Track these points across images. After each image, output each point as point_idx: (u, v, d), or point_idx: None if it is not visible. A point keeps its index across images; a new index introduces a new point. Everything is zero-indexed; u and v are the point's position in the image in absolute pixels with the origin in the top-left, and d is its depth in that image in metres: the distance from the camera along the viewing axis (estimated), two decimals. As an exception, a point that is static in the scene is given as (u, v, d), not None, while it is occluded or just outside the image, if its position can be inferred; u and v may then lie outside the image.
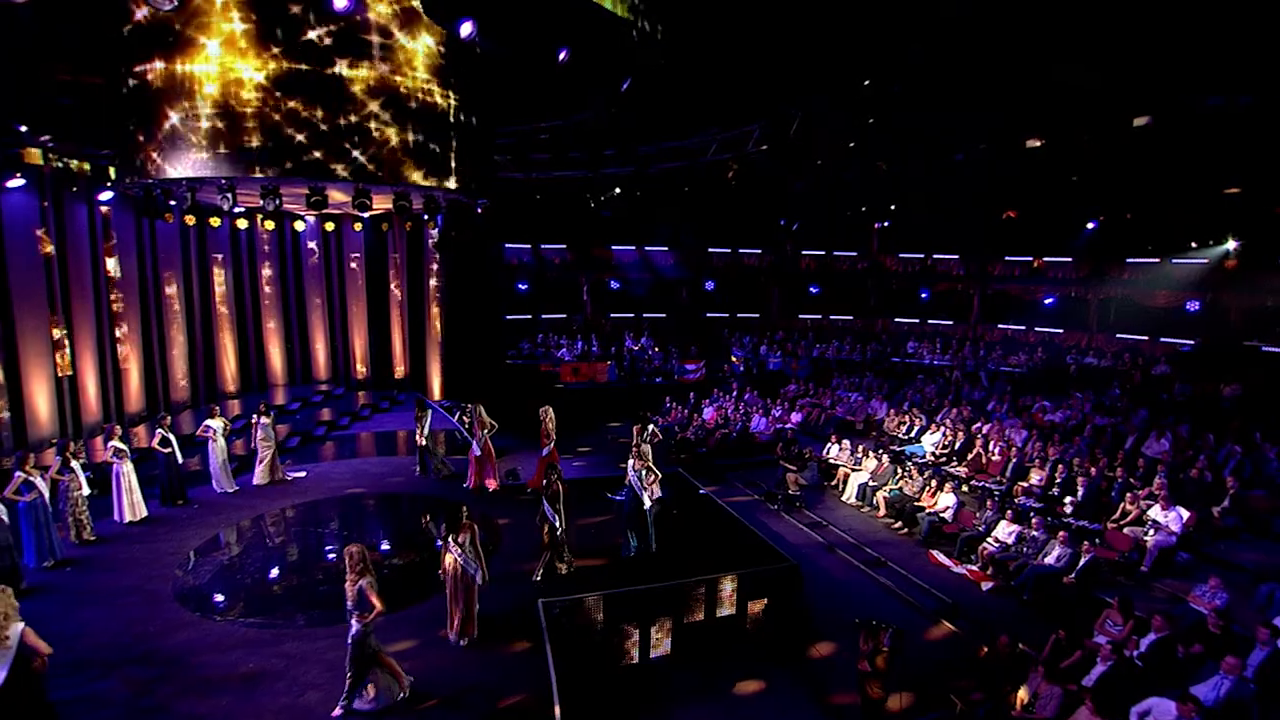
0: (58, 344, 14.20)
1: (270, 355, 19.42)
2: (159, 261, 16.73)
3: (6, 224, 13.26)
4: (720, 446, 16.55)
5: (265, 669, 7.05)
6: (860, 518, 13.44)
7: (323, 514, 11.62)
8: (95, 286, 15.10)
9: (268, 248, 19.24)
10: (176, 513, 11.48)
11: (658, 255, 24.20)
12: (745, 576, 8.96)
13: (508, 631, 8.00)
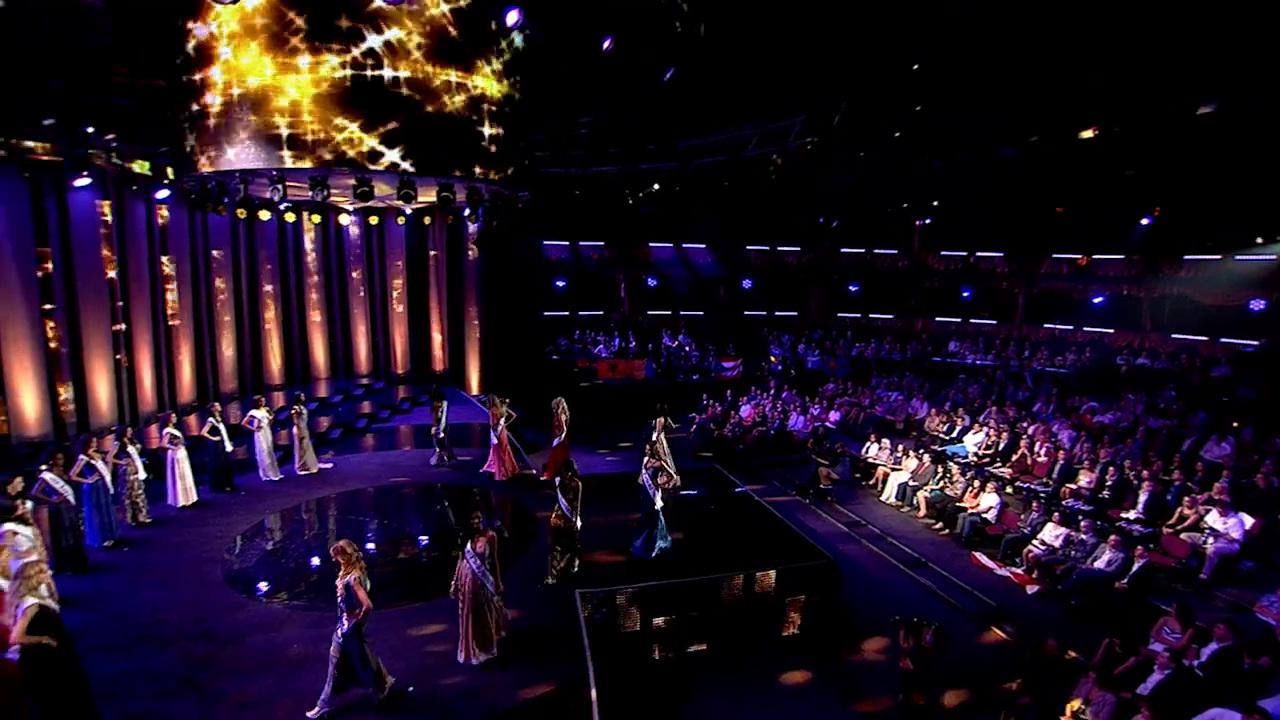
0: (117, 336, 14.76)
1: (314, 349, 19.85)
2: (210, 257, 17.24)
3: (74, 221, 13.84)
4: (758, 444, 16.43)
5: (309, 652, 7.18)
6: (900, 518, 13.21)
7: (363, 502, 11.86)
8: (152, 281, 15.63)
9: (312, 244, 19.66)
10: (224, 499, 11.81)
11: (696, 253, 24.13)
12: (782, 572, 8.85)
13: (539, 631, 7.94)
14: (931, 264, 24.45)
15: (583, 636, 7.50)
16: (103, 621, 7.67)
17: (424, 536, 10.65)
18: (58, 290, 13.63)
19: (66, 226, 13.75)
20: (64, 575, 8.57)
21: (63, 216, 13.68)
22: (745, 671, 8.17)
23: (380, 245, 20.66)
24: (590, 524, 9.95)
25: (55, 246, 13.56)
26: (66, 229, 13.75)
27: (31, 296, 13.29)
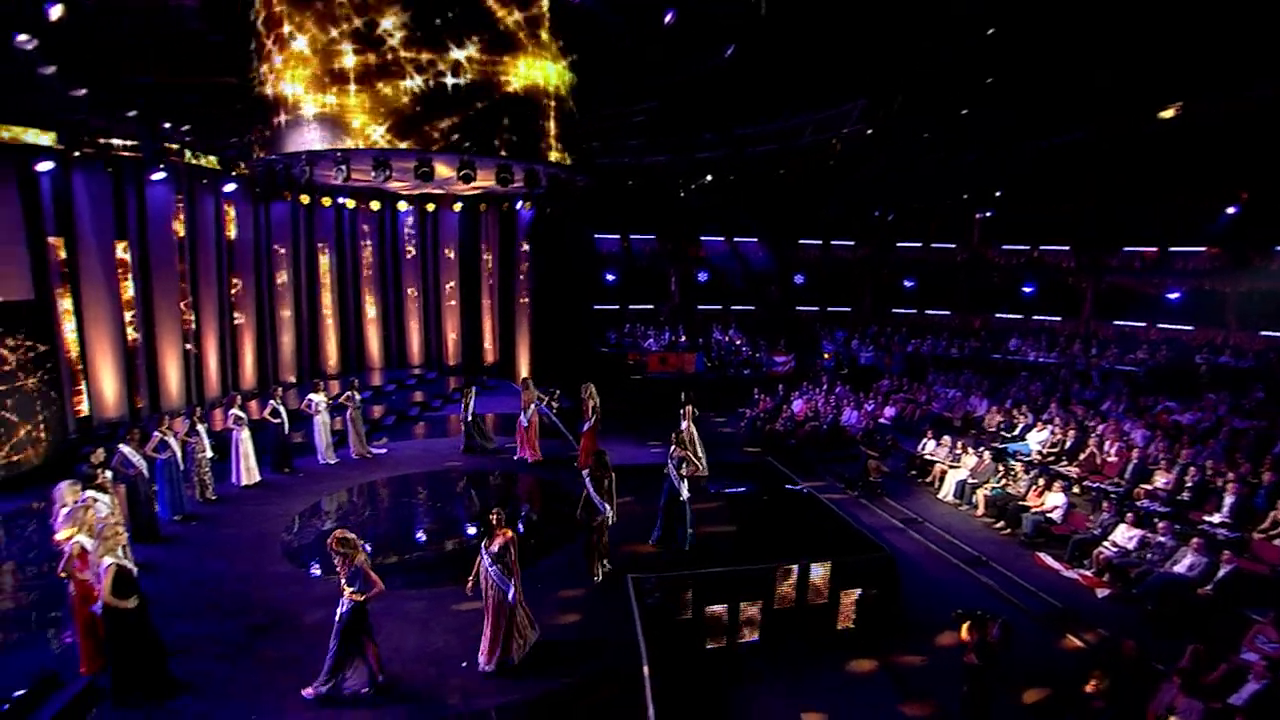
0: (186, 324, 15.40)
1: (368, 340, 20.32)
2: (272, 249, 17.84)
3: (150, 214, 14.50)
4: (810, 439, 16.13)
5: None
6: (958, 516, 12.79)
7: (414, 486, 12.10)
8: (218, 273, 16.26)
9: (368, 236, 20.14)
10: (284, 479, 12.18)
11: (748, 247, 23.85)
12: (838, 564, 8.63)
13: (591, 613, 7.88)
14: (992, 258, 23.60)
15: (635, 620, 7.44)
16: (171, 589, 7.97)
17: (469, 520, 10.73)
18: (135, 280, 14.31)
19: (144, 219, 14.42)
20: (138, 545, 8.91)
21: (140, 210, 14.34)
22: (798, 664, 7.99)
23: (434, 238, 21.03)
24: (634, 513, 9.96)
25: (133, 239, 14.24)
26: (143, 222, 14.42)
27: (113, 286, 13.97)
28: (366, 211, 19.81)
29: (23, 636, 7.07)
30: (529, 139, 11.64)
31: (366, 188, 17.48)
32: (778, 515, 10.72)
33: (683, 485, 9.21)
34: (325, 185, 16.80)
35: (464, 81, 11.16)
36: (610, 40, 11.85)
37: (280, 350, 18.10)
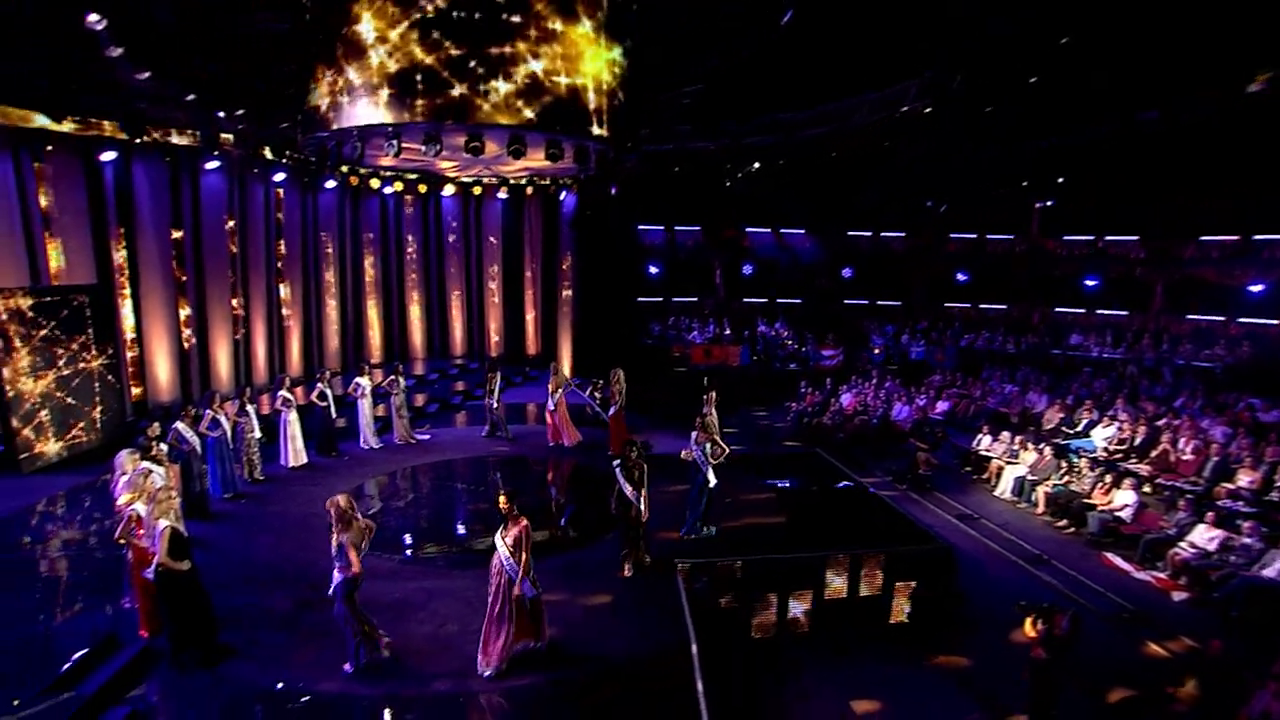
0: (236, 312, 15.84)
1: (411, 330, 20.61)
2: (319, 238, 18.24)
3: (204, 202, 14.96)
4: (859, 433, 15.79)
5: (409, 600, 7.44)
6: (1016, 513, 12.35)
7: (456, 470, 12.33)
8: (267, 260, 16.70)
9: (413, 226, 20.45)
10: (330, 462, 12.45)
11: (795, 238, 23.50)
12: (892, 555, 8.36)
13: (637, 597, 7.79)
14: (1052, 249, 22.74)
15: (683, 605, 7.36)
16: (221, 562, 8.18)
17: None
18: (189, 267, 14.77)
19: (198, 208, 14.88)
20: (189, 521, 9.13)
21: (195, 198, 14.81)
22: (849, 657, 7.77)
23: (477, 228, 21.25)
24: (673, 502, 9.80)
25: (188, 227, 14.70)
26: (198, 210, 14.88)
27: (168, 273, 14.45)
28: (411, 201, 20.12)
29: (84, 602, 7.35)
30: (580, 115, 11.60)
31: (413, 168, 17.61)
32: (828, 506, 10.54)
33: (709, 471, 9.04)
34: (374, 166, 17.07)
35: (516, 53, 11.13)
36: (663, 19, 11.73)
37: (326, 340, 18.48)
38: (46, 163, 12.53)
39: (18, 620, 6.90)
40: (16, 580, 7.83)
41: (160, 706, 5.98)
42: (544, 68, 11.27)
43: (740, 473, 12.27)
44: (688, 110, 15.36)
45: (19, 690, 5.69)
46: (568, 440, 13.42)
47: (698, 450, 9.09)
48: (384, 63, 11.12)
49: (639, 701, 6.08)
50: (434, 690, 6.04)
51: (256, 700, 5.92)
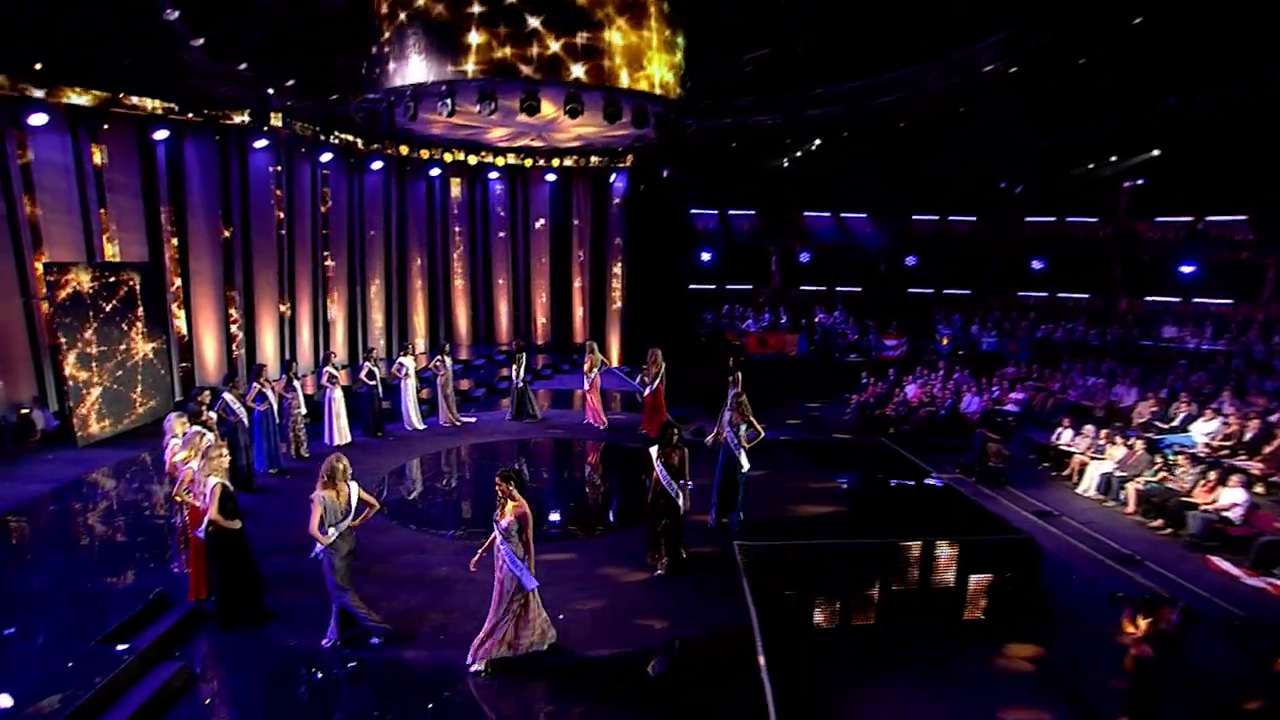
0: (282, 294, 16.27)
1: (457, 316, 20.85)
2: (365, 220, 18.64)
3: (252, 182, 15.40)
4: (925, 426, 15.37)
5: (454, 575, 7.47)
6: (1102, 511, 11.79)
7: (501, 452, 12.58)
8: (313, 241, 17.12)
9: (459, 208, 20.71)
10: (374, 443, 12.67)
11: (856, 223, 22.99)
12: (969, 545, 8.03)
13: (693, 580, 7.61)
14: (1143, 232, 21.65)
15: (744, 588, 7.23)
16: (264, 531, 8.33)
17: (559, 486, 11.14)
18: (236, 248, 15.23)
19: (246, 187, 15.32)
20: (235, 493, 9.43)
21: (244, 178, 15.25)
22: (921, 651, 7.48)
23: (524, 213, 21.42)
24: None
25: (236, 207, 15.15)
26: (246, 190, 15.33)
27: (216, 253, 14.94)
28: (458, 183, 20.40)
29: (136, 566, 7.61)
30: (640, 73, 11.49)
31: (463, 139, 17.64)
32: (895, 495, 10.40)
33: (742, 454, 8.62)
34: (424, 137, 17.19)
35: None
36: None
37: (370, 323, 18.84)
38: (102, 141, 13.07)
39: (72, 578, 7.21)
40: (71, 544, 8.21)
41: (208, 665, 6.12)
42: (605, 25, 11.19)
43: (799, 459, 12.27)
44: (747, 81, 15.10)
45: (74, 642, 5.87)
46: (597, 421, 13.75)
47: (730, 432, 8.70)
48: (439, 15, 11.16)
49: (699, 682, 5.97)
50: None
51: (301, 662, 6.00)
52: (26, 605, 6.54)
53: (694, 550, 8.03)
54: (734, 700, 5.68)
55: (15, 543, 8.02)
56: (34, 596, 6.74)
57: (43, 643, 6.00)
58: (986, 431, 13.15)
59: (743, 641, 6.36)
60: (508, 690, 5.69)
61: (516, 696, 5.66)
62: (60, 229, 12.59)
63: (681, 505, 7.46)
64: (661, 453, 7.49)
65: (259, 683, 5.68)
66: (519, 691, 5.73)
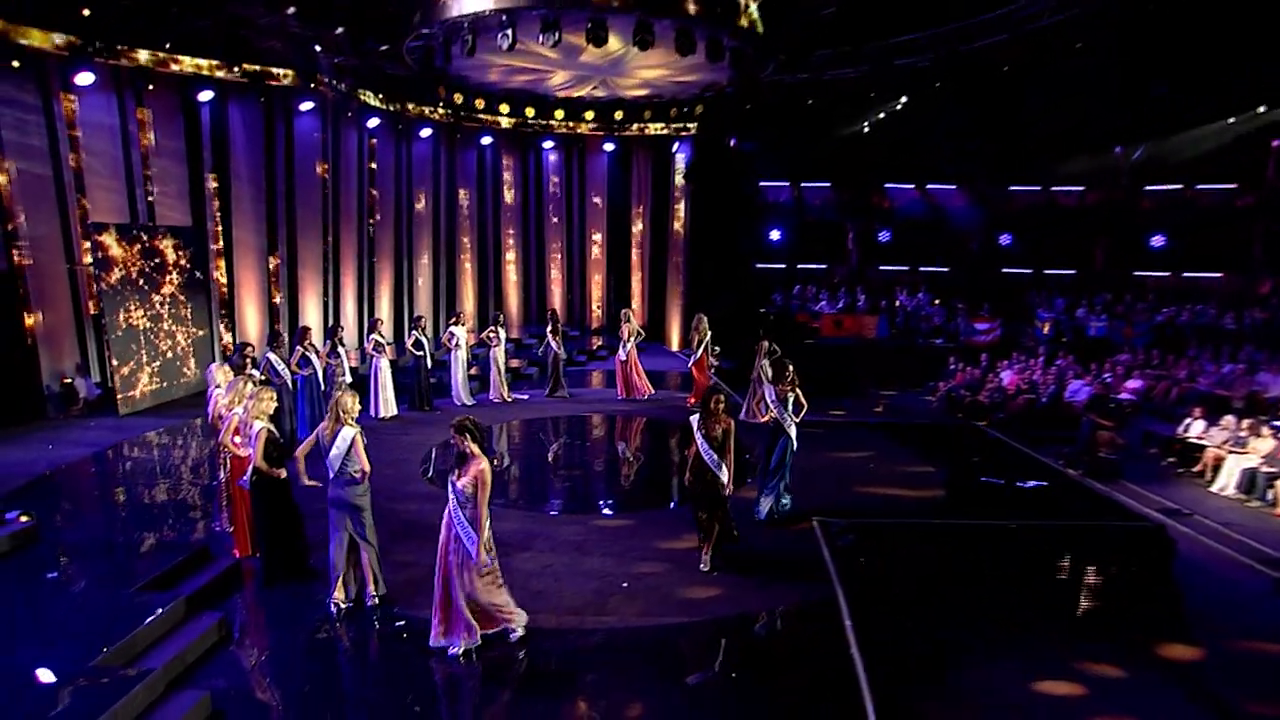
0: (326, 261, 16.66)
1: (508, 292, 20.96)
2: (412, 191, 18.96)
3: (298, 146, 15.82)
4: (1024, 414, 14.71)
5: (510, 541, 7.45)
6: (1246, 512, 10.97)
7: (555, 426, 12.92)
8: (359, 210, 17.51)
9: (511, 180, 20.88)
10: (422, 416, 12.86)
11: (943, 195, 22.23)
12: (1088, 531, 7.58)
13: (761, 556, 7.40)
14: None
15: (826, 561, 7.07)
16: (308, 495, 8.37)
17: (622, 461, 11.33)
18: (280, 213, 15.65)
19: (291, 152, 15.76)
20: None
21: (289, 142, 15.69)
22: (1027, 651, 7.05)
23: (580, 187, 21.50)
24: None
25: (281, 173, 15.59)
26: (291, 154, 15.77)
27: (259, 218, 15.37)
28: (510, 153, 20.59)
29: (179, 523, 7.88)
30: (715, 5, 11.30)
31: (521, 87, 17.74)
32: (995, 478, 10.08)
33: (793, 428, 8.10)
34: (479, 86, 17.40)
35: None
36: None
37: (416, 299, 19.10)
38: (147, 103, 13.57)
39: (111, 533, 7.52)
40: (111, 503, 8.57)
41: (250, 618, 6.22)
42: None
43: (883, 441, 12.20)
44: (826, 30, 14.68)
45: (113, 588, 6.02)
46: (640, 393, 14.34)
47: (778, 405, 8.21)
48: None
49: (782, 651, 5.92)
50: (538, 625, 5.92)
51: (345, 619, 6.04)
52: (66, 556, 6.80)
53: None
54: (816, 677, 5.46)
55: (56, 501, 8.32)
56: (72, 548, 7.00)
57: (82, 588, 6.18)
58: (1096, 417, 12.45)
59: (816, 618, 6.24)
60: (557, 656, 5.61)
61: (570, 662, 5.56)
62: (104, 193, 13.13)
63: (725, 485, 6.84)
64: (703, 423, 6.92)
65: (300, 638, 5.71)
66: (571, 659, 5.63)
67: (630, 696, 5.13)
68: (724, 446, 6.82)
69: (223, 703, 4.85)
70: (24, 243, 12.00)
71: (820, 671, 5.53)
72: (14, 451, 9.93)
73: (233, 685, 5.11)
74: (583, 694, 5.16)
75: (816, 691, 5.34)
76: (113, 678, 4.63)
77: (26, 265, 12.01)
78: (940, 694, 5.51)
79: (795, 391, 8.23)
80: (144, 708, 4.53)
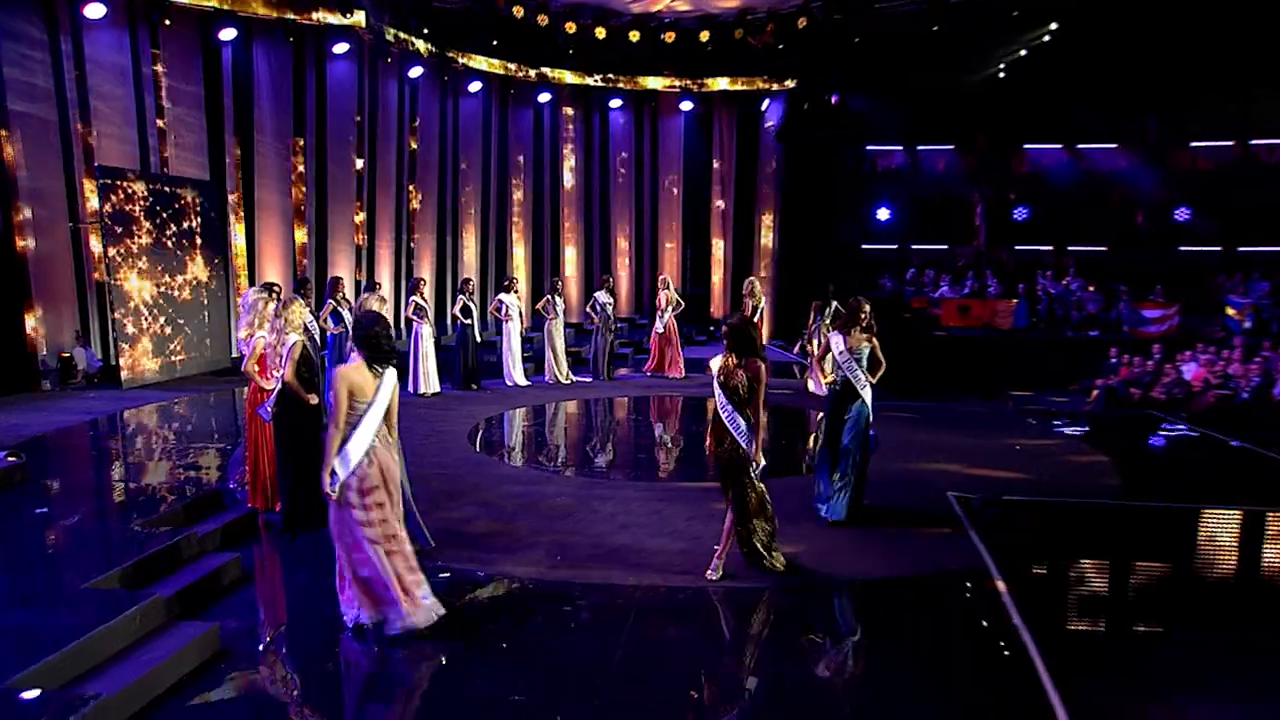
0: (359, 232, 16.99)
1: (566, 275, 20.97)
2: (459, 153, 19.37)
3: (330, 96, 16.31)
4: (1215, 412, 14.00)
5: (576, 505, 7.53)
6: None
7: (616, 406, 13.40)
8: (398, 172, 17.91)
9: (573, 147, 21.16)
10: (468, 395, 12.95)
11: (1099, 156, 21.36)
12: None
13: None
14: None
15: (969, 531, 6.83)
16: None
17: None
18: (309, 172, 16.10)
19: (322, 103, 16.26)
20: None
21: (320, 91, 16.19)
22: (1231, 664, 6.45)
23: (652, 155, 21.71)
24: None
25: (310, 125, 16.05)
26: (322, 105, 16.28)
27: (284, 176, 15.86)
28: (572, 115, 20.91)
29: (189, 477, 7.96)
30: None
31: (590, 5, 17.83)
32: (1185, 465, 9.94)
33: (867, 392, 7.00)
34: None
35: None
36: None
37: (460, 275, 19.17)
38: (162, 41, 14.10)
39: (114, 485, 7.80)
40: (116, 457, 8.95)
41: (266, 567, 6.20)
42: None
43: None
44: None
45: (117, 522, 6.13)
46: (672, 372, 14.85)
47: (847, 361, 7.03)
48: None
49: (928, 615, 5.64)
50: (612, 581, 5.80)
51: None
52: (62, 495, 7.09)
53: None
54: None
55: (50, 460, 8.54)
56: (69, 491, 7.34)
57: (76, 521, 6.29)
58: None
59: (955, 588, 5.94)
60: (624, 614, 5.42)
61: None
62: (113, 142, 13.60)
63: (754, 461, 5.69)
64: (722, 367, 5.79)
65: (322, 582, 5.59)
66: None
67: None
68: (746, 401, 5.69)
69: (231, 641, 4.77)
70: (22, 199, 12.35)
71: (970, 639, 5.24)
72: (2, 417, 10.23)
73: (243, 625, 5.09)
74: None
75: (971, 659, 5.00)
76: (108, 599, 4.58)
77: (24, 221, 12.40)
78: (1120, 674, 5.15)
79: (872, 342, 7.10)
80: (143, 634, 4.44)
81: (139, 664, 4.17)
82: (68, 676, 3.92)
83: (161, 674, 4.19)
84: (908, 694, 4.55)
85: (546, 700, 4.28)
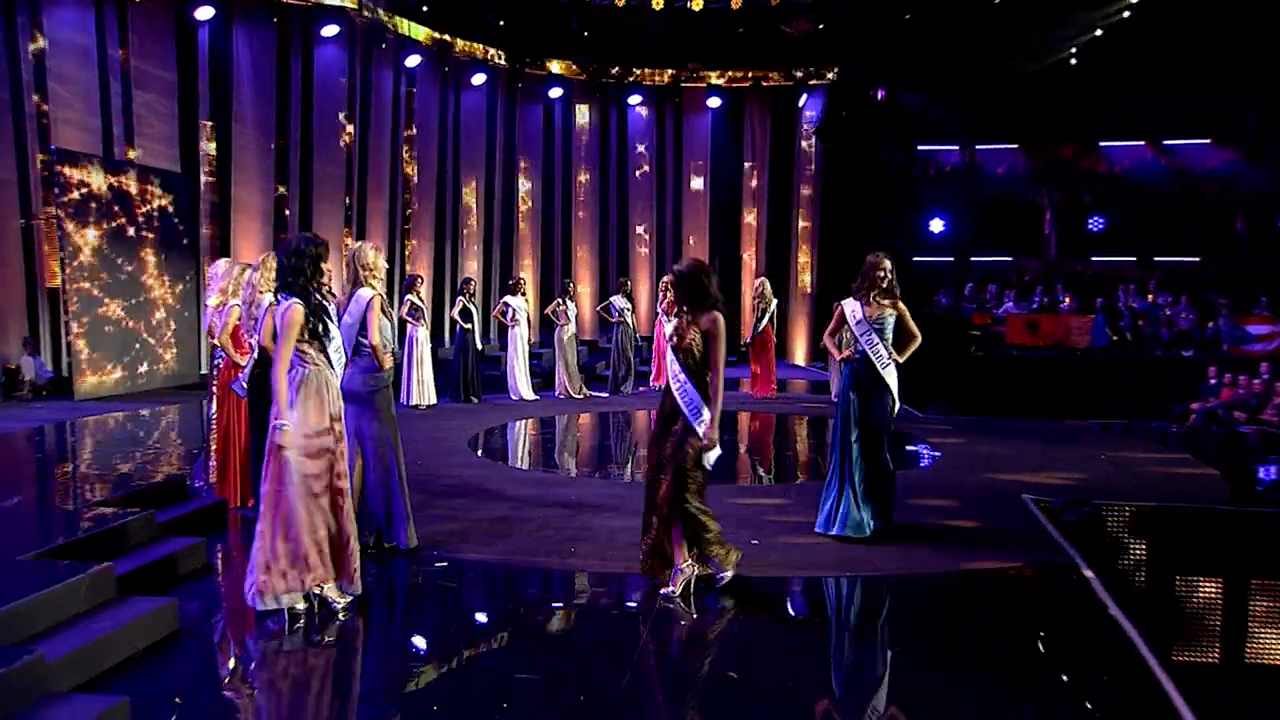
0: (347, 236, 17.08)
1: (578, 289, 20.96)
2: (460, 151, 19.58)
3: (317, 86, 16.56)
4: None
5: (582, 501, 7.82)
6: None
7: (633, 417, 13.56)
8: (392, 170, 18.11)
9: (587, 147, 21.43)
10: (467, 408, 12.98)
11: (1190, 153, 21.32)
12: None
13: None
14: None
15: (1047, 528, 6.97)
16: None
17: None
18: (293, 169, 16.29)
19: (309, 93, 16.51)
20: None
21: (306, 80, 16.45)
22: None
23: (675, 156, 21.89)
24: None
25: (295, 117, 16.25)
26: (308, 96, 16.52)
27: (266, 173, 16.04)
28: (587, 111, 21.15)
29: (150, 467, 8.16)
30: None
31: None
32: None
33: (891, 374, 6.44)
34: None
35: None
36: None
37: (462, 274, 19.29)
38: (131, 21, 14.29)
39: (66, 481, 7.76)
40: (69, 456, 9.19)
41: (232, 558, 6.18)
42: None
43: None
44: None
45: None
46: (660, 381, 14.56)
47: (867, 333, 6.44)
48: None
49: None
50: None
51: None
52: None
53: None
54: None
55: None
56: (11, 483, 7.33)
57: (17, 504, 6.34)
58: None
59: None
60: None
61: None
62: (73, 130, 13.76)
63: (706, 451, 5.17)
64: (677, 328, 5.33)
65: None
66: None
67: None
68: (702, 366, 5.18)
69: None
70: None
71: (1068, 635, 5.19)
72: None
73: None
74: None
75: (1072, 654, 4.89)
76: (51, 570, 4.48)
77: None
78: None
79: (898, 308, 6.46)
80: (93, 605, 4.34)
81: (89, 631, 4.11)
82: (10, 639, 3.81)
83: (114, 643, 4.14)
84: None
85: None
